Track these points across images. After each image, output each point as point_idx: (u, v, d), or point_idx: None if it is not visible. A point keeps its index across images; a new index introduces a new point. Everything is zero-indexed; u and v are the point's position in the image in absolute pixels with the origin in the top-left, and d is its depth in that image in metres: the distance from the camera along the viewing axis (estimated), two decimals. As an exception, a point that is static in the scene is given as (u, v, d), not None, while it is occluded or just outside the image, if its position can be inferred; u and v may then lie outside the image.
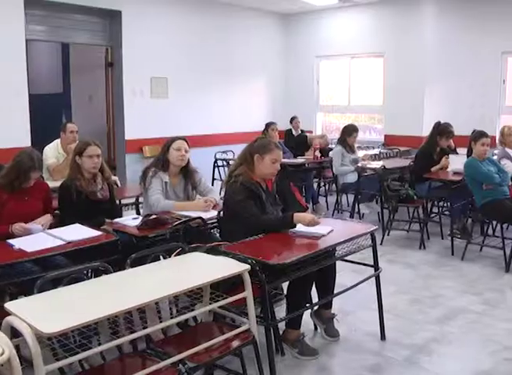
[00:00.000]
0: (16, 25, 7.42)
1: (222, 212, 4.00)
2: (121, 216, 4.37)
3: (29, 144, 7.22)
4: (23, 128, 7.51)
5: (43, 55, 10.67)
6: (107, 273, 2.88)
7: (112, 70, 8.94)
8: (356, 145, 7.62)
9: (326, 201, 8.36)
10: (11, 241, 3.46)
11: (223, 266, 2.89)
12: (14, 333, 2.23)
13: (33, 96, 8.05)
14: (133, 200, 5.21)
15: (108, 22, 8.74)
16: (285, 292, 3.63)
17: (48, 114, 9.67)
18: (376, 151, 9.16)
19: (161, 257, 3.22)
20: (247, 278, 2.84)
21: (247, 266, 2.85)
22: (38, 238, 3.53)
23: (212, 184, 7.86)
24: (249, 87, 10.83)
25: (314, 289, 3.74)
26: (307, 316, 3.85)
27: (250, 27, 10.68)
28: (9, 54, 7.37)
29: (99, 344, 2.44)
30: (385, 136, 10.19)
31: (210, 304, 2.94)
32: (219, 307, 2.95)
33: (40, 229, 3.72)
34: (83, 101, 10.52)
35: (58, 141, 6.10)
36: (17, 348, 2.05)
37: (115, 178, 4.67)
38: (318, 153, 7.95)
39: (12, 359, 1.97)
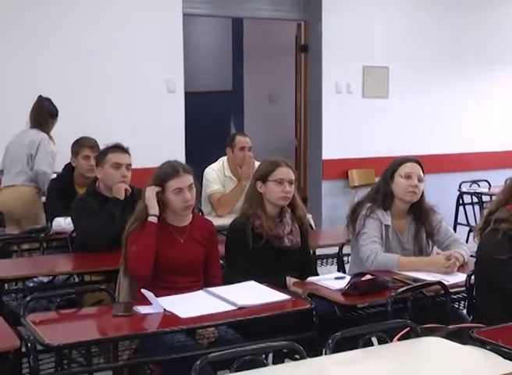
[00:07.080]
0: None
1: (473, 276, 3.93)
2: (317, 274, 4.47)
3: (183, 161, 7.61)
4: (175, 139, 7.99)
5: (206, 37, 11.34)
6: (296, 359, 2.92)
7: (305, 57, 9.21)
8: None
9: None
10: (160, 300, 3.59)
11: (477, 363, 2.83)
12: None
13: (190, 95, 8.53)
14: (333, 250, 5.27)
15: (302, -13, 9.04)
16: None
17: (210, 120, 10.17)
18: None
19: (374, 339, 3.22)
20: (518, 385, 2.74)
21: (518, 367, 2.75)
22: (196, 299, 3.69)
23: (455, 230, 7.71)
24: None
25: None
26: None
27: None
28: (161, 34, 7.82)
29: None
30: None
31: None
32: None
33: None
34: (260, 103, 10.96)
35: (224, 159, 6.33)
36: None
37: (308, 216, 4.75)
38: None
39: None
